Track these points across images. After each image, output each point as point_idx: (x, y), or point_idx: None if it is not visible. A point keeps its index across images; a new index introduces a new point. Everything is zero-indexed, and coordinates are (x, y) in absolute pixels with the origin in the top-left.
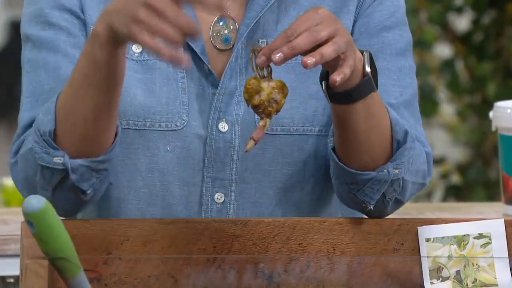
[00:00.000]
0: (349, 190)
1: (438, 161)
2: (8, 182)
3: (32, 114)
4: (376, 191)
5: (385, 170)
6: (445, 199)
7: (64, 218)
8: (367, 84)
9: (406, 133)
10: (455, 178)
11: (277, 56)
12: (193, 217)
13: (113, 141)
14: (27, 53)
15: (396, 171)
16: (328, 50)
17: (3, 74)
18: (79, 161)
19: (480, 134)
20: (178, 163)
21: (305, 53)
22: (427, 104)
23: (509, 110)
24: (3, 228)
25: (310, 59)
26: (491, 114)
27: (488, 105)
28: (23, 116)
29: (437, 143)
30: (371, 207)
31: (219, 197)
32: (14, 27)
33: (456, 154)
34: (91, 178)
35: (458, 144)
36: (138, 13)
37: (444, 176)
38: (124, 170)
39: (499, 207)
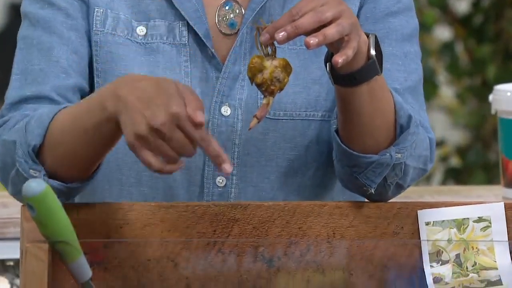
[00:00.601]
0: (350, 173)
1: (438, 144)
2: None
3: (20, 93)
4: (377, 175)
5: (388, 154)
6: (444, 182)
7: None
8: (371, 67)
9: (409, 118)
10: (455, 161)
11: (281, 35)
12: (195, 201)
13: (93, 173)
14: (23, 30)
15: (399, 155)
16: (331, 31)
17: (2, 57)
18: (52, 182)
19: (479, 116)
20: None
21: (309, 33)
22: (427, 87)
23: (508, 93)
24: (3, 211)
25: (313, 39)
26: (490, 97)
27: (487, 87)
28: (11, 94)
29: (437, 125)
30: (372, 191)
31: (220, 180)
32: (14, 10)
33: (456, 136)
34: (64, 196)
35: (458, 127)
36: (143, 130)
37: (444, 159)
38: (127, 153)
39: (499, 190)
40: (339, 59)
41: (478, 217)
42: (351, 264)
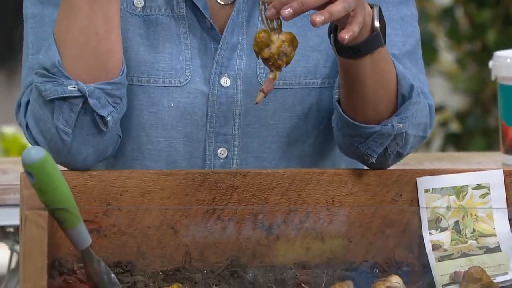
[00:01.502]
0: (351, 143)
1: (437, 109)
2: (8, 130)
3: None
4: (379, 145)
5: (389, 124)
6: (444, 147)
7: (63, 169)
8: (375, 39)
9: (411, 87)
10: (454, 126)
11: (287, 11)
12: None
13: (121, 68)
14: (30, 8)
15: (400, 125)
16: (337, 8)
17: (1, 22)
18: (93, 85)
19: (479, 82)
20: (182, 119)
21: (315, 9)
22: (427, 52)
23: (508, 60)
24: (3, 177)
25: (319, 17)
26: (490, 63)
27: (487, 52)
28: (26, 78)
29: (437, 91)
30: (373, 160)
31: (222, 152)
32: None
33: (455, 102)
34: (108, 105)
35: (458, 92)
36: None
37: (443, 124)
38: (129, 127)
39: (498, 156)
40: (345, 35)
41: (477, 184)
42: (350, 231)
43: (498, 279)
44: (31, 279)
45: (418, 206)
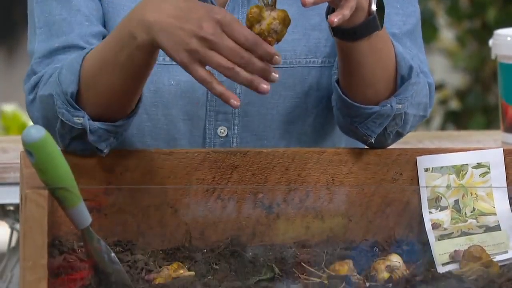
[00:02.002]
0: (351, 123)
1: (437, 87)
2: (8, 108)
3: (47, 45)
4: (378, 125)
5: (388, 105)
6: (444, 125)
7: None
8: (371, 23)
9: (410, 68)
10: (454, 104)
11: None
12: None
13: (135, 108)
14: None
15: (399, 106)
16: None
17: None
18: (98, 124)
19: (479, 59)
20: (182, 97)
21: None
22: (427, 30)
23: (509, 38)
24: (3, 156)
25: (335, 18)
26: (490, 42)
27: (488, 30)
28: (38, 48)
29: (437, 68)
30: (372, 141)
31: (222, 130)
32: None
33: (455, 79)
34: (108, 139)
35: (458, 70)
36: (190, 42)
37: (443, 102)
38: None
39: (498, 135)
40: (334, 18)
41: (477, 163)
42: (350, 210)
43: (498, 258)
44: (31, 258)
45: (418, 185)
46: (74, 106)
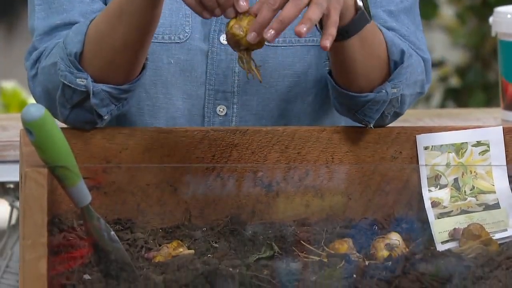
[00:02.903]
0: (348, 110)
1: (438, 64)
2: (8, 85)
3: (48, 22)
4: (375, 111)
5: (383, 91)
6: (443, 102)
7: (63, 126)
8: (361, 18)
9: (402, 52)
10: (454, 81)
11: (269, 33)
12: None
13: (140, 73)
14: None
15: (394, 90)
16: (314, 14)
17: None
18: (101, 86)
19: (479, 36)
20: (181, 76)
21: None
22: (427, 7)
23: (509, 16)
24: (2, 134)
25: (303, 28)
26: (491, 19)
27: (488, 7)
28: (38, 25)
29: (437, 45)
30: (371, 126)
31: (221, 109)
32: None
33: (455, 56)
34: (110, 105)
35: (457, 47)
36: None
37: (443, 79)
38: None
39: (498, 112)
40: (326, 44)
41: (477, 141)
42: (350, 188)
43: (497, 236)
44: (31, 236)
45: (418, 163)
46: (78, 67)
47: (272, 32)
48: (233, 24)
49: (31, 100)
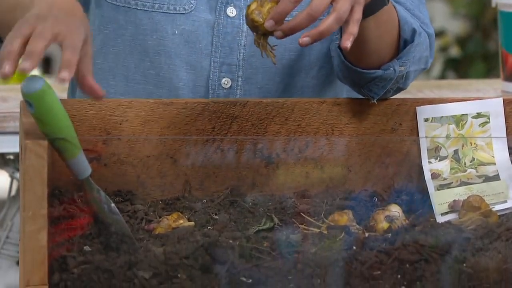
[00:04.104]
0: (353, 84)
1: (438, 34)
2: None
3: None
4: (381, 88)
5: (391, 68)
6: (444, 72)
7: (63, 98)
8: (379, 1)
9: (413, 31)
10: (454, 51)
11: (305, 39)
12: None
13: None
14: None
15: (402, 68)
16: (342, 7)
17: None
18: None
19: (479, 6)
20: (185, 47)
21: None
22: None
23: None
24: (2, 105)
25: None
26: None
27: None
28: None
29: (437, 15)
30: (375, 101)
31: (226, 82)
32: None
33: (455, 26)
34: None
35: (458, 17)
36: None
37: (443, 49)
38: (133, 50)
39: (498, 83)
40: (347, 44)
41: (477, 113)
42: (350, 160)
43: (497, 207)
44: (31, 208)
45: (418, 135)
46: None
47: (308, 39)
48: (254, 9)
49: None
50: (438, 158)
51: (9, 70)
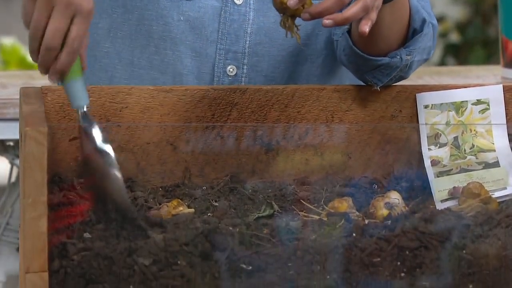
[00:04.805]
0: (357, 69)
1: (438, 19)
2: (7, 41)
3: None
4: (385, 75)
5: (398, 57)
6: (444, 58)
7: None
8: None
9: (423, 21)
10: (454, 37)
11: (328, 22)
12: None
13: None
14: None
15: (408, 57)
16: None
17: None
18: None
19: None
20: (191, 34)
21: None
22: None
23: None
24: (2, 92)
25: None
26: None
27: None
28: None
29: (437, 1)
30: (378, 88)
31: (231, 69)
32: None
33: (456, 12)
34: None
35: (458, 2)
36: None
37: (443, 34)
38: (138, 35)
39: (498, 70)
40: (366, 29)
41: (477, 100)
42: (349, 147)
43: (497, 194)
44: (31, 195)
45: (418, 122)
46: None
47: (331, 22)
48: None
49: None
50: (438, 145)
51: (56, 77)
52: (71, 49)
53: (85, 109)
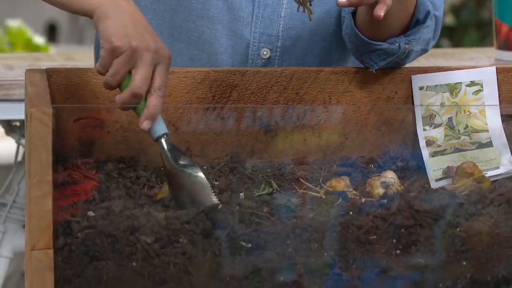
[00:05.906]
0: (356, 50)
1: None
2: (13, 23)
3: None
4: (382, 59)
5: (397, 44)
6: (438, 40)
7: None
8: None
9: (427, 13)
10: (449, 19)
11: (343, 1)
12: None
13: None
14: None
15: (407, 45)
16: None
17: None
18: None
19: None
20: (228, 14)
21: None
22: None
23: None
24: (8, 73)
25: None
26: None
27: None
28: None
29: None
30: (373, 70)
31: (265, 52)
32: None
33: None
34: None
35: None
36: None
37: None
38: (179, 10)
39: (491, 52)
40: (381, 13)
41: (471, 81)
42: (347, 128)
43: (490, 174)
44: (37, 175)
45: (413, 103)
46: None
47: (345, 1)
48: None
49: (36, 39)
50: (433, 126)
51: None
52: (162, 94)
53: (165, 138)
